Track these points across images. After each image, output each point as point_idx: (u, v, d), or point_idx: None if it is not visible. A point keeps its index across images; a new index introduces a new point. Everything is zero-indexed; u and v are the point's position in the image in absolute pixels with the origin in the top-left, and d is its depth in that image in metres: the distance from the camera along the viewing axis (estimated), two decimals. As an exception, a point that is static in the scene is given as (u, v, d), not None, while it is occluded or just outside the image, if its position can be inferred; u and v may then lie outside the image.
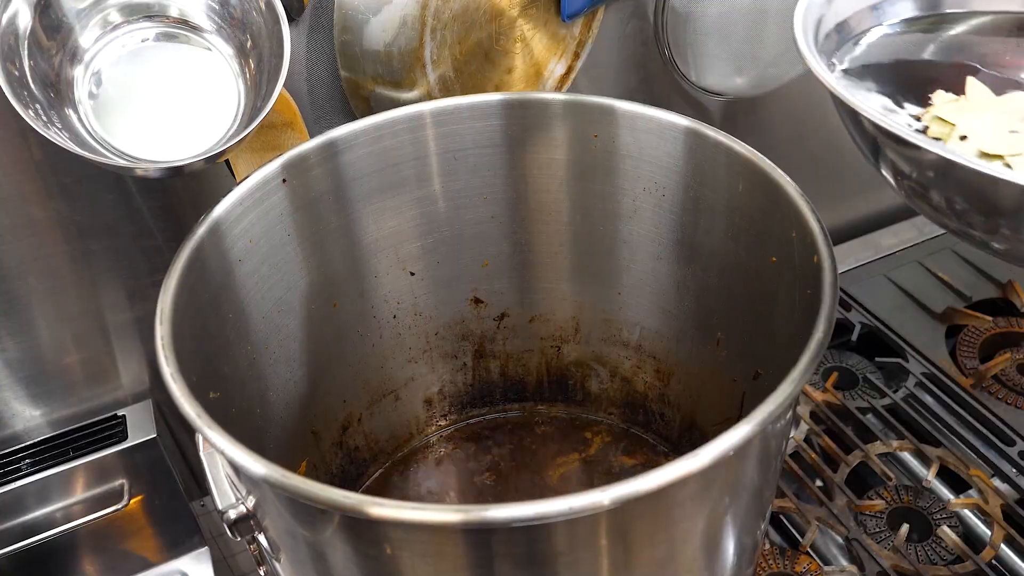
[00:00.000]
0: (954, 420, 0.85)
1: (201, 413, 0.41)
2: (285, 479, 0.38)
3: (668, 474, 0.35)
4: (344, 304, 0.70)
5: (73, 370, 0.80)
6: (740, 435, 0.37)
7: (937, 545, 0.76)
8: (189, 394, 0.42)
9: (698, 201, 0.64)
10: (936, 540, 0.76)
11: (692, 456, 0.36)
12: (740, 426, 0.37)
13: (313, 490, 0.37)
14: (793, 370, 0.41)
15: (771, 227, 0.57)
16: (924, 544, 0.76)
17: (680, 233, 0.66)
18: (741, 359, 0.64)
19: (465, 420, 0.82)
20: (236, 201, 0.57)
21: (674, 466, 0.36)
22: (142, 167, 0.57)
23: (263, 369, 0.62)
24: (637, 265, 0.70)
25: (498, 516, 0.35)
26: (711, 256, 0.65)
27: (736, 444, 0.37)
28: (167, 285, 0.49)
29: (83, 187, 0.70)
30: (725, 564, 0.48)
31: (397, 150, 0.66)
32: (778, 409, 0.38)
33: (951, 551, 0.75)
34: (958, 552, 0.74)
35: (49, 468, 0.77)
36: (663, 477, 0.35)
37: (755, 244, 0.60)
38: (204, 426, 0.40)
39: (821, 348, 0.43)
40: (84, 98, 0.59)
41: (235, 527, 0.47)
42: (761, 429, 0.38)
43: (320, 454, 0.72)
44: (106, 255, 0.74)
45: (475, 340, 0.79)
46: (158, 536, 0.85)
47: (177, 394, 0.42)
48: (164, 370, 0.44)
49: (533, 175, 0.68)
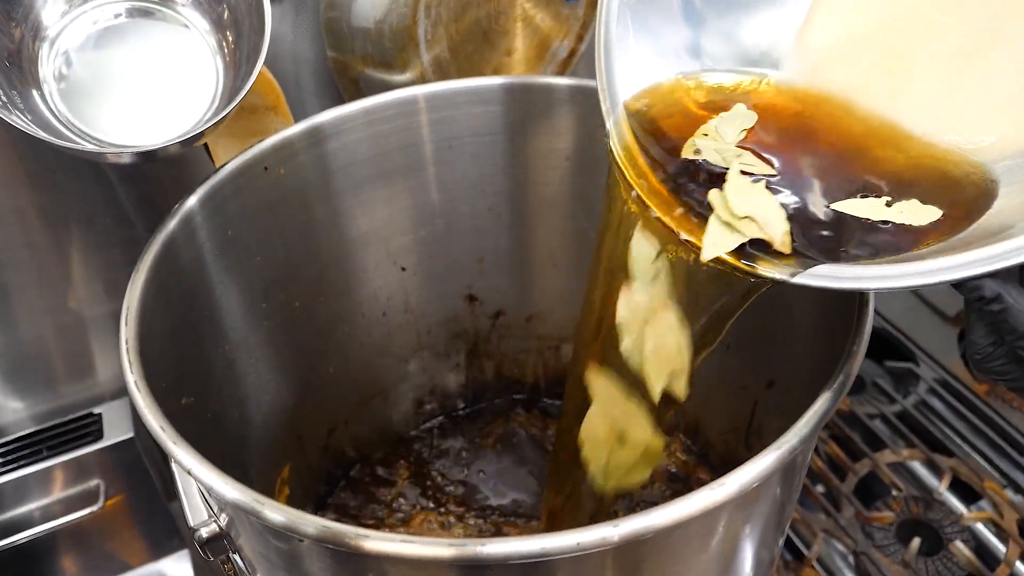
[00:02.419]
0: (967, 429, 0.82)
1: (166, 426, 0.37)
2: (259, 505, 0.34)
3: (686, 507, 0.32)
4: (330, 300, 0.66)
5: (53, 365, 0.77)
6: (769, 461, 0.33)
7: (948, 560, 0.72)
8: (154, 404, 0.38)
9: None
10: (947, 555, 0.73)
11: (717, 487, 0.32)
12: (769, 452, 0.34)
13: (293, 520, 0.33)
14: (828, 388, 0.37)
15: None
16: (934, 559, 0.72)
17: (689, 231, 0.62)
18: (753, 366, 0.61)
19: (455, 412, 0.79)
20: (213, 190, 0.52)
21: (696, 497, 0.32)
22: (112, 152, 0.53)
23: (242, 371, 0.58)
24: (642, 264, 0.66)
25: (496, 552, 0.31)
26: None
27: (764, 471, 0.33)
28: (135, 281, 0.45)
29: (54, 175, 0.66)
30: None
31: (388, 137, 0.62)
32: (812, 430, 0.35)
33: (963, 567, 0.72)
34: (971, 569, 0.71)
35: (22, 468, 0.75)
36: (681, 510, 0.32)
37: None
38: (169, 441, 0.36)
39: (858, 360, 0.39)
40: (50, 77, 0.55)
41: (207, 547, 0.43)
42: (791, 456, 0.34)
43: (304, 458, 0.68)
44: (81, 246, 0.71)
45: (469, 339, 0.75)
46: (137, 538, 0.83)
47: (141, 404, 0.38)
48: (128, 376, 0.40)
49: (534, 166, 0.64)
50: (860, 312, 0.42)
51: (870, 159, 0.41)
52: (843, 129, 0.42)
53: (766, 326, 0.58)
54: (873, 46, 0.44)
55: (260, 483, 0.61)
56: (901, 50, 0.43)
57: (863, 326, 0.41)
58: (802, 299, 0.53)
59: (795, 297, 0.54)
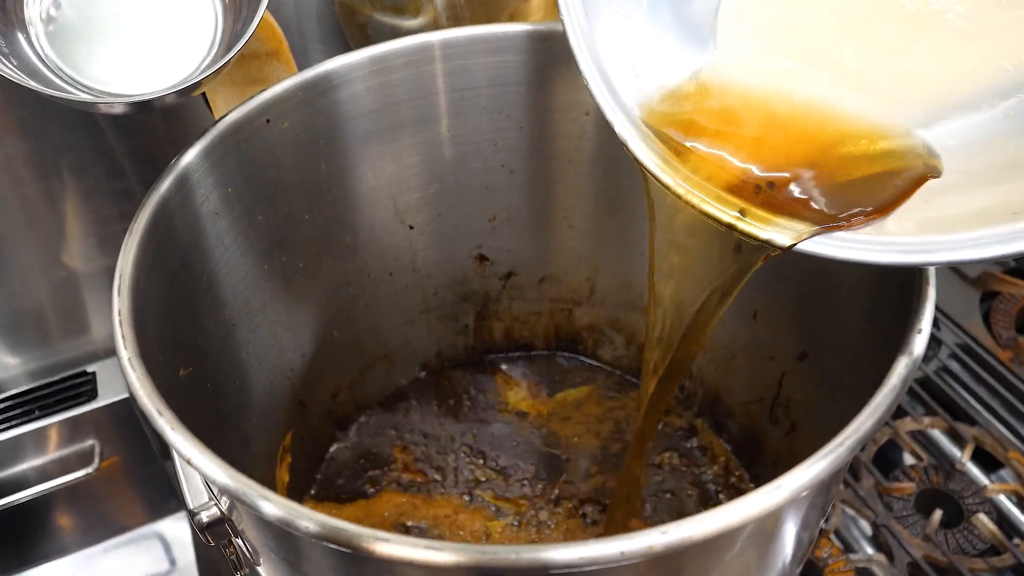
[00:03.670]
0: (991, 396, 0.80)
1: (163, 409, 0.34)
2: (261, 499, 0.31)
3: (738, 512, 0.29)
4: (335, 260, 0.62)
5: (48, 320, 0.76)
6: (828, 462, 0.30)
7: (970, 533, 0.70)
8: (150, 384, 0.35)
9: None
10: (969, 527, 0.71)
11: (772, 490, 0.29)
12: (828, 451, 0.30)
13: (297, 518, 0.30)
14: (890, 375, 0.34)
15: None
16: (955, 531, 0.70)
17: (717, 191, 0.59)
18: (783, 336, 0.58)
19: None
20: (211, 145, 0.49)
21: (749, 501, 0.29)
22: (104, 102, 0.49)
23: (242, 337, 0.55)
24: (665, 225, 0.63)
25: (521, 559, 0.28)
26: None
27: (822, 472, 0.30)
28: (127, 246, 0.41)
29: (44, 122, 0.63)
30: (784, 562, 0.42)
31: (398, 87, 0.58)
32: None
33: (985, 540, 0.70)
34: (994, 542, 0.69)
35: (13, 428, 0.73)
36: (733, 515, 0.29)
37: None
38: (167, 428, 0.33)
39: (924, 340, 0.36)
40: (36, 19, 0.51)
41: (208, 531, 0.40)
42: (850, 453, 0.31)
43: (307, 424, 0.65)
44: (73, 198, 0.69)
45: (478, 301, 0.72)
46: (135, 499, 0.82)
47: (136, 385, 0.35)
48: (121, 353, 0.36)
49: (553, 120, 0.60)
50: (921, 287, 0.39)
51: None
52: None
53: (799, 292, 0.55)
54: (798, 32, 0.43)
55: (262, 452, 0.59)
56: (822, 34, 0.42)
57: (925, 299, 0.38)
58: (839, 270, 0.50)
59: (832, 266, 0.51)
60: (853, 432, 0.31)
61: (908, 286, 0.39)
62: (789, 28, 0.42)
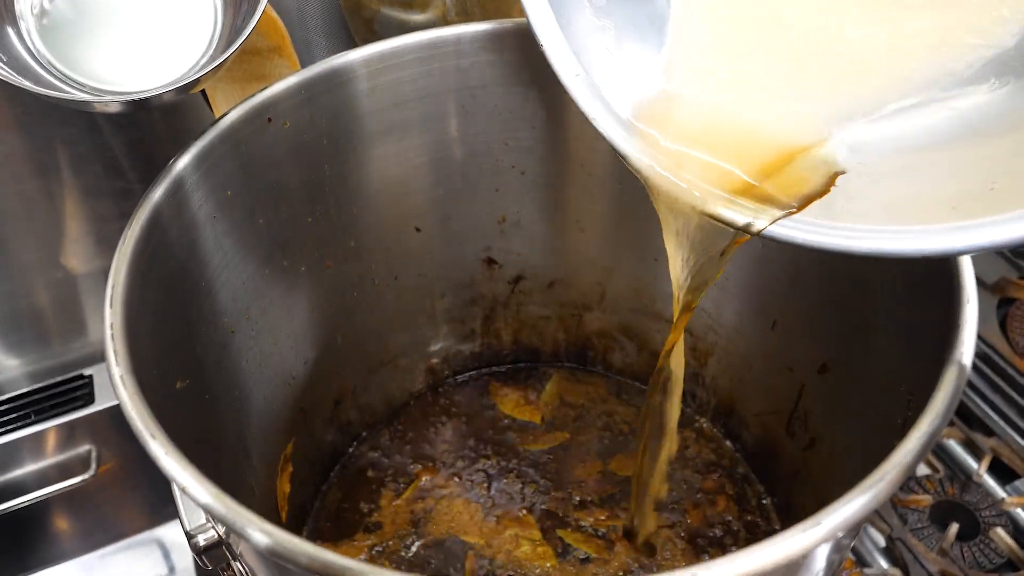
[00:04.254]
0: (1008, 407, 0.78)
1: (156, 433, 0.32)
2: (255, 530, 0.29)
3: (779, 550, 0.27)
4: (339, 264, 0.60)
5: (45, 321, 0.75)
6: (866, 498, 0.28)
7: (986, 547, 0.69)
8: (143, 404, 0.33)
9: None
10: (985, 541, 0.69)
11: (811, 526, 0.27)
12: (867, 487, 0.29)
13: (290, 551, 0.28)
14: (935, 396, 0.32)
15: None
16: (971, 544, 0.69)
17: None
18: (802, 347, 0.56)
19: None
20: (209, 146, 0.47)
21: (787, 541, 0.27)
22: (100, 101, 0.47)
23: (242, 344, 0.53)
24: (680, 230, 0.61)
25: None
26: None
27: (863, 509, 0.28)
28: (120, 255, 0.39)
29: (40, 119, 0.62)
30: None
31: (407, 84, 0.56)
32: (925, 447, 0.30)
33: (1002, 554, 0.68)
34: (1011, 556, 0.67)
35: (10, 432, 0.72)
36: (772, 554, 0.27)
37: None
38: (161, 453, 0.31)
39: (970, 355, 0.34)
40: (27, 13, 0.50)
41: (205, 554, 0.38)
42: (893, 487, 0.29)
43: (309, 432, 0.63)
44: (72, 197, 0.68)
45: (486, 305, 0.70)
46: (133, 504, 0.81)
47: (128, 406, 0.33)
48: (113, 371, 0.34)
49: (567, 121, 0.59)
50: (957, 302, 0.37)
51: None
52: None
53: (822, 300, 0.53)
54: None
55: (262, 462, 0.57)
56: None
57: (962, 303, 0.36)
58: (870, 281, 0.48)
59: (855, 278, 0.49)
60: (900, 459, 0.29)
61: (947, 299, 0.37)
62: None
